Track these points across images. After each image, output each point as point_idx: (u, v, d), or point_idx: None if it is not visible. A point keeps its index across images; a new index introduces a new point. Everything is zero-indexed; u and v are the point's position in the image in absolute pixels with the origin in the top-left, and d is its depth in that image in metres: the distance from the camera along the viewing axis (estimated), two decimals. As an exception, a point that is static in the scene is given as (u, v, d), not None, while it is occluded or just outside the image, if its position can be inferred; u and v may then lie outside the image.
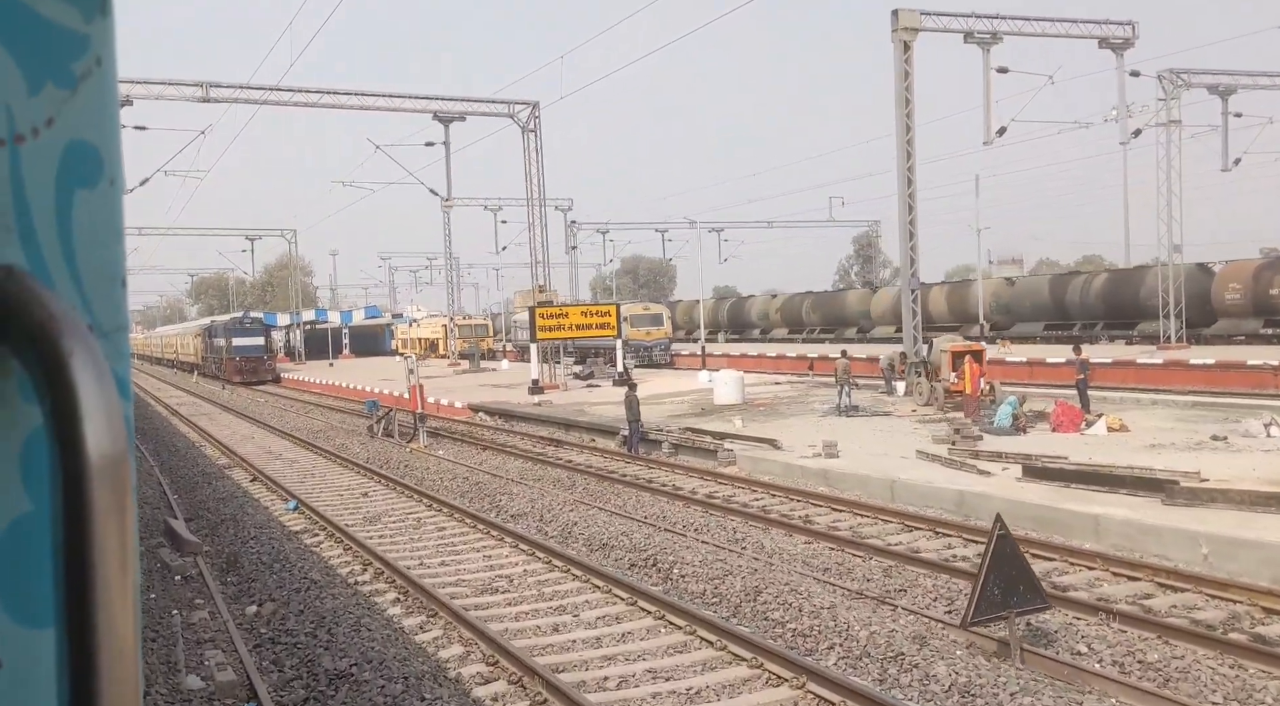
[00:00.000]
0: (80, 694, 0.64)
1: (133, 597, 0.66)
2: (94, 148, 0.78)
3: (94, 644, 0.64)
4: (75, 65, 0.76)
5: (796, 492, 16.05)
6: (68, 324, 0.67)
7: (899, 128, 26.37)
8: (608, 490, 16.92)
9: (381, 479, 19.06)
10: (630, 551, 11.62)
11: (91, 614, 0.64)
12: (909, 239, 26.61)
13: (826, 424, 22.79)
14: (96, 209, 0.78)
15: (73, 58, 0.76)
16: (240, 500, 17.43)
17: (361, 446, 24.41)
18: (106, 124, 0.79)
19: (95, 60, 0.77)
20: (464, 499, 16.38)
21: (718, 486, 17.45)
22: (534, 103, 36.73)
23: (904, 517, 13.68)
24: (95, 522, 0.64)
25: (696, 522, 13.80)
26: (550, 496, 15.80)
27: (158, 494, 19.22)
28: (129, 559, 0.66)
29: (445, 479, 18.50)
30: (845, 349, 25.11)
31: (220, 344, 60.69)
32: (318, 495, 17.79)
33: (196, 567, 12.91)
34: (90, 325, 0.76)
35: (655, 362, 56.31)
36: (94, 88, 0.78)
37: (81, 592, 0.64)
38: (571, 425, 26.38)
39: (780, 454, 18.83)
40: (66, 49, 0.76)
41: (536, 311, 35.13)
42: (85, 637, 0.64)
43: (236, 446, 25.78)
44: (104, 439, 0.64)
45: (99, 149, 0.79)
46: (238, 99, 33.24)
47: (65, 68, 0.76)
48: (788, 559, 11.41)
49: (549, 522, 13.73)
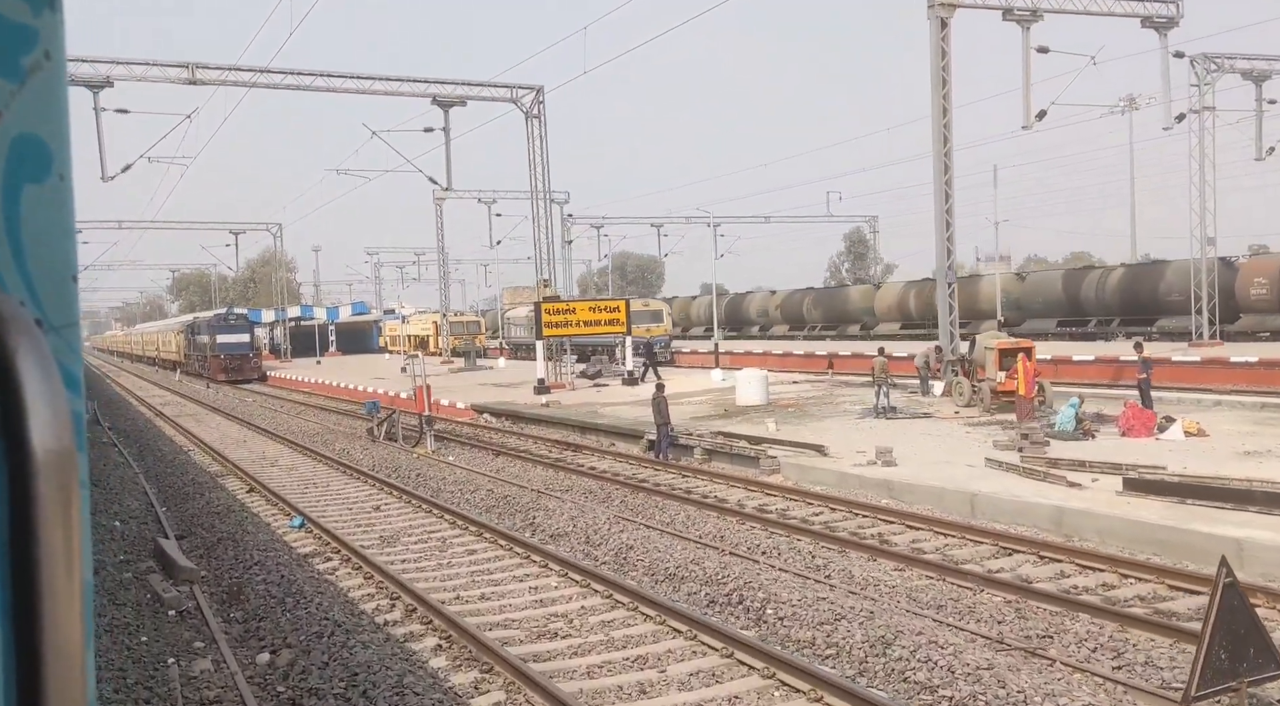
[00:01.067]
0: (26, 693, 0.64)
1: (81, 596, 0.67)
2: (43, 142, 0.77)
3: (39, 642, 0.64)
4: (23, 59, 0.75)
5: (859, 506, 14.44)
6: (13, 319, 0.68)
7: (935, 111, 24.81)
8: (649, 503, 15.27)
9: (392, 489, 17.34)
10: (705, 583, 9.96)
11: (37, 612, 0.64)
12: (945, 229, 25.06)
13: (866, 427, 21.22)
14: (46, 204, 0.77)
15: (21, 51, 0.75)
16: (238, 515, 15.68)
17: (364, 451, 22.66)
18: (56, 118, 0.78)
19: (44, 54, 0.77)
20: (491, 514, 14.69)
21: (765, 498, 15.83)
22: (538, 87, 35.00)
23: (995, 537, 12.08)
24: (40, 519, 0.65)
25: (762, 543, 12.17)
26: (589, 512, 14.12)
27: (144, 506, 17.44)
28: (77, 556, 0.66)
29: (464, 490, 16.79)
30: (883, 347, 23.56)
31: (204, 341, 58.64)
32: (324, 509, 16.06)
33: (193, 598, 11.19)
34: (39, 320, 0.75)
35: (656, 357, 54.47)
36: (43, 82, 0.77)
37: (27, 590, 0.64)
38: (589, 428, 24.72)
39: (829, 461, 17.24)
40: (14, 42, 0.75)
41: (543, 307, 33.43)
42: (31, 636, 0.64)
43: (228, 451, 23.98)
44: (49, 434, 0.65)
45: (48, 143, 0.77)
46: (225, 81, 31.36)
47: (13, 61, 0.75)
48: (887, 592, 9.80)
49: (597, 544, 12.05)
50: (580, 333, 34.87)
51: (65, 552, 0.66)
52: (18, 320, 0.68)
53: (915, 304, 57.45)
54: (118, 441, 27.63)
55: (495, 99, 34.74)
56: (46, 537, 0.65)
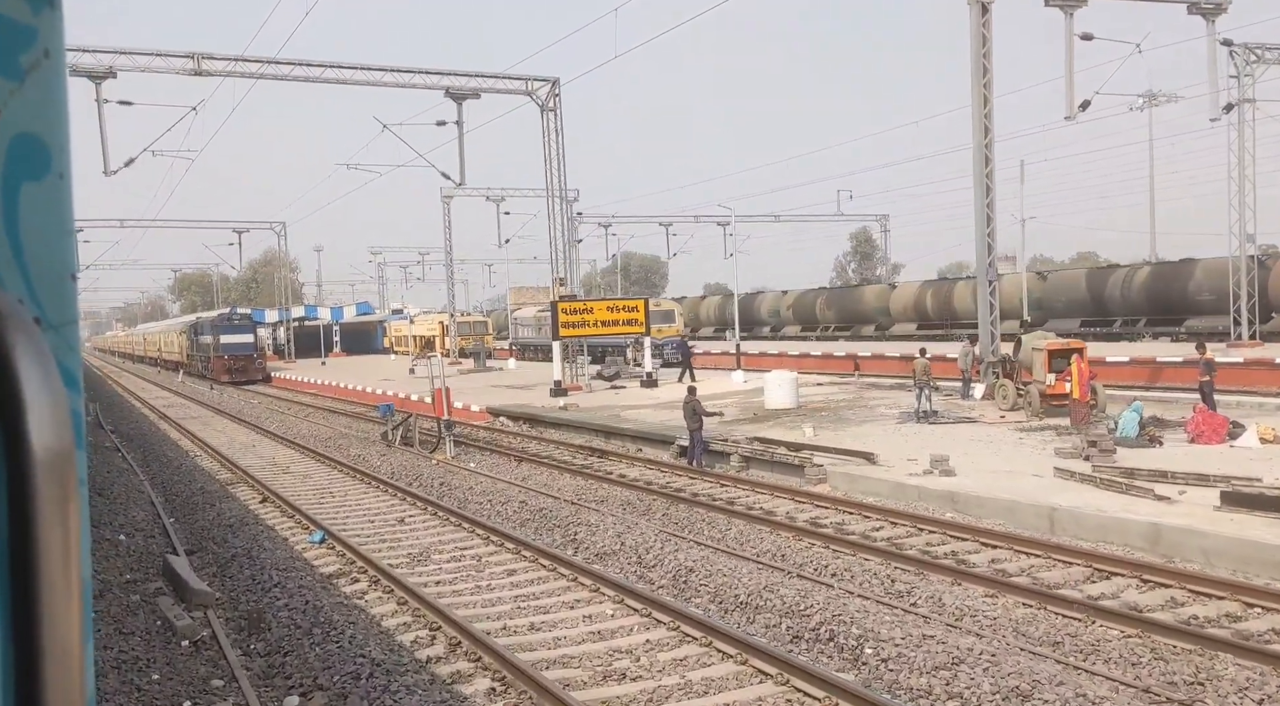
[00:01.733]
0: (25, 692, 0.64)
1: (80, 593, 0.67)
2: (42, 141, 0.77)
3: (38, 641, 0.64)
4: (22, 57, 0.75)
5: (923, 520, 13.37)
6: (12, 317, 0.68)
7: (975, 100, 23.74)
8: (693, 516, 14.20)
9: (415, 499, 16.26)
10: (785, 614, 8.88)
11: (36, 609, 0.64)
12: (985, 224, 23.99)
13: (909, 432, 20.14)
14: (45, 203, 0.77)
15: (20, 49, 0.75)
16: (252, 528, 14.62)
17: (381, 457, 21.57)
18: (55, 117, 0.78)
19: (43, 52, 0.76)
20: (527, 529, 13.62)
21: (816, 509, 14.76)
22: (553, 79, 33.93)
23: (1085, 557, 11.00)
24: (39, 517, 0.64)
25: (829, 563, 11.10)
26: (634, 528, 13.04)
27: (150, 518, 16.38)
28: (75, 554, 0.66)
29: (492, 500, 15.71)
30: (924, 347, 22.49)
31: (207, 341, 57.58)
32: (344, 522, 15.00)
33: (208, 626, 10.14)
34: (38, 319, 0.75)
35: (667, 362, 53.34)
36: (42, 80, 0.76)
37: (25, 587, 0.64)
38: (613, 432, 23.65)
39: (880, 470, 16.16)
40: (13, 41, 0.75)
41: (559, 306, 32.38)
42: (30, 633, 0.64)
43: (237, 457, 22.91)
44: (48, 432, 0.65)
45: (47, 142, 0.77)
46: (232, 72, 30.29)
47: (12, 59, 0.75)
48: (987, 623, 8.73)
49: (650, 566, 10.97)
50: (598, 333, 33.82)
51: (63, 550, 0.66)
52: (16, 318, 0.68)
53: (933, 304, 56.37)
54: (121, 445, 26.57)
55: (510, 92, 33.66)
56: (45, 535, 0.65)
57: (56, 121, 0.79)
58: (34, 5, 0.76)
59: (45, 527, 0.65)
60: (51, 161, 0.78)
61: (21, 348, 0.66)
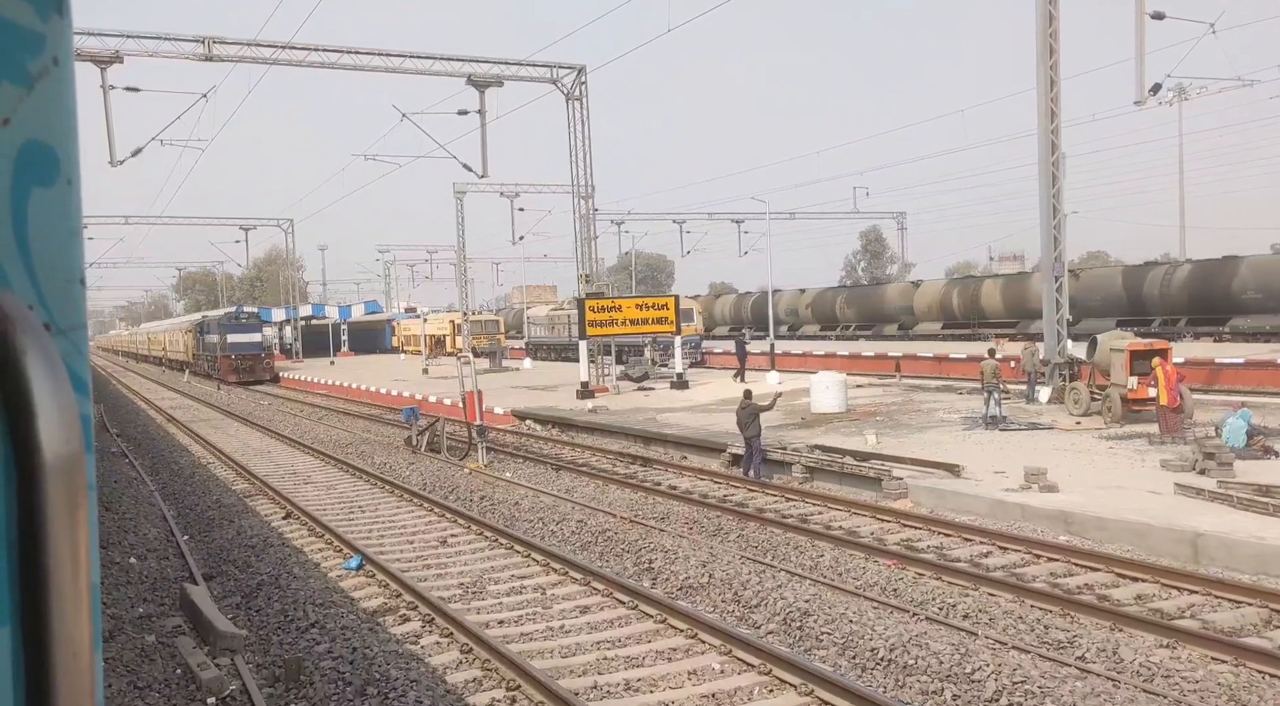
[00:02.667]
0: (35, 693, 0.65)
1: (89, 597, 0.67)
2: (51, 147, 0.77)
3: (49, 643, 0.65)
4: (31, 64, 0.76)
5: (1036, 545, 11.81)
6: (22, 322, 0.68)
7: (1040, 83, 22.19)
8: (774, 538, 12.64)
9: (456, 516, 14.71)
10: (946, 678, 7.31)
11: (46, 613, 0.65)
12: (1052, 215, 22.44)
13: (982, 440, 18.60)
14: (53, 208, 0.78)
15: (29, 57, 0.75)
16: (278, 549, 13.09)
17: (410, 466, 20.02)
18: (64, 123, 0.79)
19: (52, 59, 0.77)
20: (589, 553, 12.09)
21: (906, 530, 13.22)
22: (580, 66, 32.41)
23: (1259, 596, 9.44)
24: (49, 521, 0.65)
25: (955, 601, 9.56)
26: (714, 553, 11.49)
27: (163, 535, 14.85)
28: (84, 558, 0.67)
29: (543, 517, 14.16)
30: (993, 348, 20.91)
31: (213, 341, 56.07)
32: (380, 542, 13.46)
33: (236, 676, 8.61)
34: (47, 324, 0.76)
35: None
36: (51, 87, 0.77)
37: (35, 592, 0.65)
38: (653, 439, 22.11)
39: (968, 484, 14.63)
40: (22, 48, 0.75)
41: (586, 304, 30.84)
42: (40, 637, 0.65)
43: (252, 464, 21.38)
44: (58, 437, 0.66)
45: (56, 149, 0.78)
46: (244, 57, 28.77)
47: (21, 67, 0.75)
48: (1191, 688, 7.18)
49: (752, 604, 9.40)
50: (626, 332, 32.29)
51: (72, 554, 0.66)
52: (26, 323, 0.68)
53: (959, 303, 54.82)
54: (128, 451, 25.07)
55: (534, 79, 32.12)
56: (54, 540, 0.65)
57: (65, 128, 0.79)
58: (42, 12, 0.76)
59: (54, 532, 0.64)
60: (60, 167, 0.78)
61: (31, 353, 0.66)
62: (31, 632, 0.65)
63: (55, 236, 0.78)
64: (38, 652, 0.65)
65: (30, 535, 0.65)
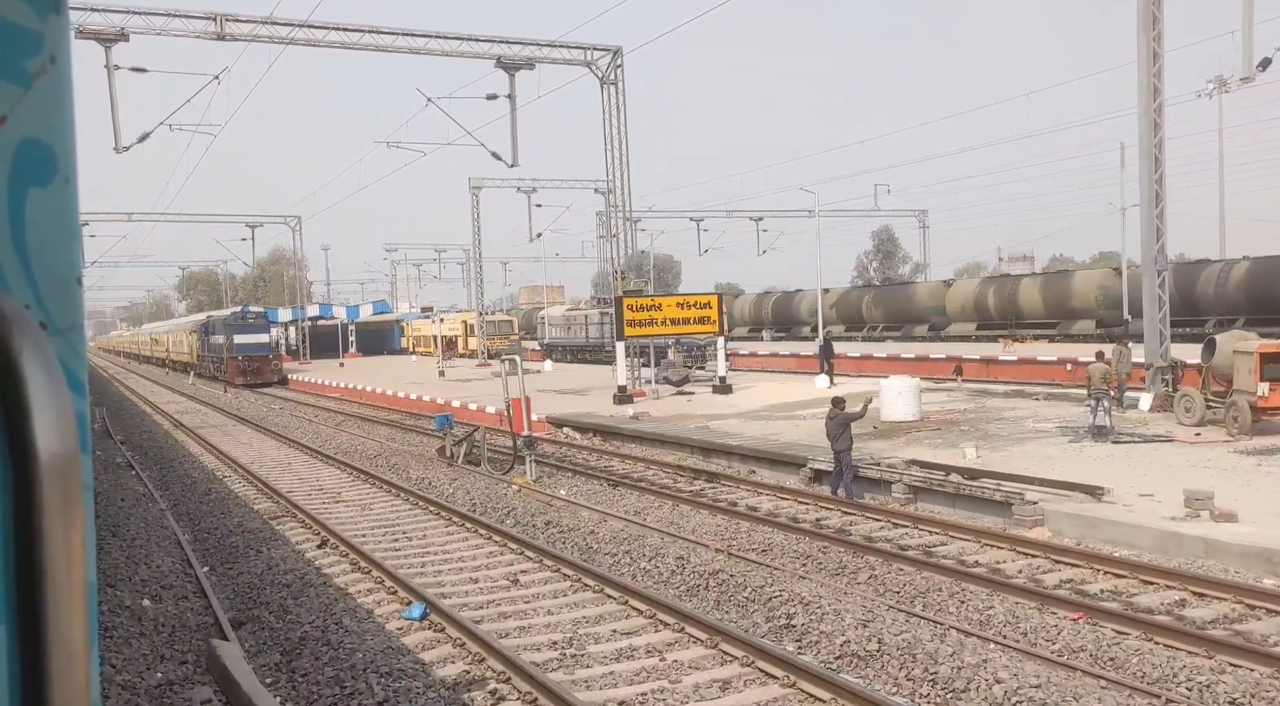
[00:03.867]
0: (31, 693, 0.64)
1: (85, 597, 0.67)
2: (48, 146, 0.77)
3: (45, 644, 0.65)
4: (29, 63, 0.75)
5: (1244, 592, 9.74)
6: (18, 321, 0.68)
7: (1143, 57, 20.10)
8: (918, 581, 10.55)
9: (521, 546, 12.59)
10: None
11: (41, 614, 0.65)
12: (1154, 204, 20.34)
13: (1098, 454, 16.52)
14: (51, 208, 0.78)
15: (26, 56, 0.75)
16: (319, 590, 10.99)
17: (451, 482, 17.89)
18: (61, 122, 0.78)
19: (49, 58, 0.77)
20: (702, 601, 9.98)
21: (1063, 568, 11.14)
22: (615, 48, 30.33)
23: None
24: (45, 521, 0.65)
25: (1212, 682, 7.48)
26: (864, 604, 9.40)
27: (178, 566, 12.77)
28: (80, 558, 0.67)
29: (628, 550, 12.02)
30: (1102, 350, 18.80)
31: (219, 341, 53.99)
32: (438, 580, 11.37)
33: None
34: (44, 323, 0.76)
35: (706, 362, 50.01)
36: (48, 86, 0.77)
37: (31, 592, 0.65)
38: (713, 450, 20.03)
39: (1116, 510, 12.54)
40: (19, 47, 0.75)
41: (624, 302, 28.76)
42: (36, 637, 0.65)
43: (274, 479, 19.29)
44: (54, 437, 0.65)
45: (53, 148, 0.78)
46: (259, 36, 26.73)
47: (18, 65, 0.75)
48: None
49: (956, 688, 7.27)
50: (666, 332, 30.21)
51: (68, 555, 0.65)
52: (22, 323, 0.68)
53: (995, 302, 52.72)
54: (134, 461, 23.01)
55: (568, 62, 30.06)
56: (50, 540, 0.65)
57: (62, 127, 0.78)
58: (40, 11, 0.76)
59: (50, 532, 0.64)
60: (58, 167, 0.78)
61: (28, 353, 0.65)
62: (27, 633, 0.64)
63: (52, 236, 0.77)
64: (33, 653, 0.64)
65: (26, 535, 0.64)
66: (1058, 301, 49.63)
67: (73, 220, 0.80)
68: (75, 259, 0.81)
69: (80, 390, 0.77)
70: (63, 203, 0.79)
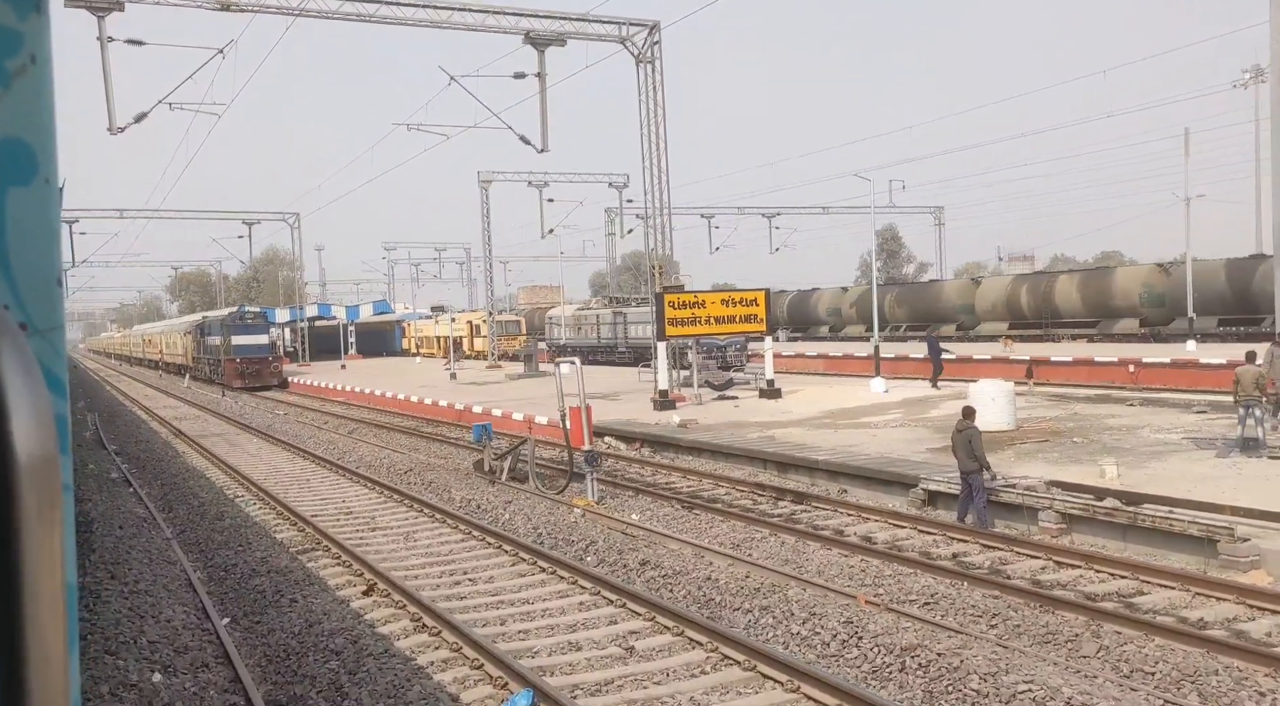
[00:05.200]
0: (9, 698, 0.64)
1: (63, 600, 0.67)
2: (28, 146, 0.77)
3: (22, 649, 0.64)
4: (8, 62, 0.75)
5: None
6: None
7: (1276, 19, 17.74)
8: (1141, 652, 8.16)
9: (620, 595, 10.13)
10: None
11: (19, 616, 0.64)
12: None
13: (1269, 473, 14.14)
14: (31, 208, 0.77)
15: (6, 55, 0.75)
16: (379, 661, 8.53)
17: (505, 505, 15.40)
18: (42, 122, 0.78)
19: (29, 57, 0.76)
20: (894, 686, 7.58)
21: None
22: (653, 23, 27.93)
23: None
24: (23, 524, 0.64)
25: None
26: (1114, 702, 7.00)
27: (193, 619, 10.32)
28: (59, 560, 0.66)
29: (764, 603, 9.58)
30: (1253, 350, 16.45)
31: (216, 343, 51.44)
32: (529, 646, 8.92)
33: None
34: (23, 324, 0.76)
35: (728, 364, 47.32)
36: (28, 85, 0.76)
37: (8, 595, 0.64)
38: (792, 464, 17.63)
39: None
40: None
41: (666, 299, 26.33)
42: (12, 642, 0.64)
43: (292, 499, 16.81)
44: (32, 438, 0.65)
45: (33, 147, 0.77)
46: (266, 6, 24.26)
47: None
48: None
49: None
50: (711, 331, 27.80)
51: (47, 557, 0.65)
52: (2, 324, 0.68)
53: (1029, 301, 50.43)
54: (131, 476, 20.50)
55: (602, 38, 27.63)
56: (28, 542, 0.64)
57: (43, 126, 0.78)
58: (19, 11, 0.75)
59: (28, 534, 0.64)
60: (38, 166, 0.77)
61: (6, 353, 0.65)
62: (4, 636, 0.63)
63: (33, 236, 0.76)
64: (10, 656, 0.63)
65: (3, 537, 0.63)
66: (1098, 300, 47.37)
67: (54, 220, 0.79)
68: (56, 259, 0.80)
69: (61, 391, 0.76)
70: (43, 203, 0.78)
